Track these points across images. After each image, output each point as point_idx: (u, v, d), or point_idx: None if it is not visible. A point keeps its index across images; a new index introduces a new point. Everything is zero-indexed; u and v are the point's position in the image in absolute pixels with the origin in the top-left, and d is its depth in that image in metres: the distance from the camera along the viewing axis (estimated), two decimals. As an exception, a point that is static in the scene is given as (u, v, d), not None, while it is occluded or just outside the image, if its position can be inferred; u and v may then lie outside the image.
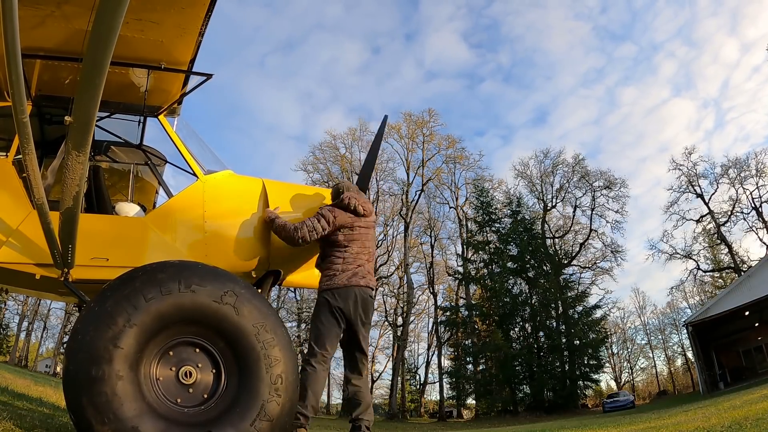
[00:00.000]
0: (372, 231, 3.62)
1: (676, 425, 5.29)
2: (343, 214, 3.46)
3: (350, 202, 3.50)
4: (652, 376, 51.64)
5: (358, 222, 3.49)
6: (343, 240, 3.44)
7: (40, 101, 3.50)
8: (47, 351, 46.40)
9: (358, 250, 3.45)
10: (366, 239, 3.52)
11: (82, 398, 2.21)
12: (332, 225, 3.41)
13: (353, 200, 3.51)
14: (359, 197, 3.57)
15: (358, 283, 3.35)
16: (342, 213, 3.46)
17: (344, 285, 3.32)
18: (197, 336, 2.56)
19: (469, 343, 37.77)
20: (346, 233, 3.44)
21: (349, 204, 3.50)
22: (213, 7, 2.86)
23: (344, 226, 3.44)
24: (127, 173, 4.53)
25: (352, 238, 3.45)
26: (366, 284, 3.40)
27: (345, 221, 3.45)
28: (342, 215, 3.45)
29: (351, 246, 3.44)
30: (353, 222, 3.47)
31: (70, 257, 2.75)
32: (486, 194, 40.34)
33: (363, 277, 3.40)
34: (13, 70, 1.66)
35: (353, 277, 3.36)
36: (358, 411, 3.29)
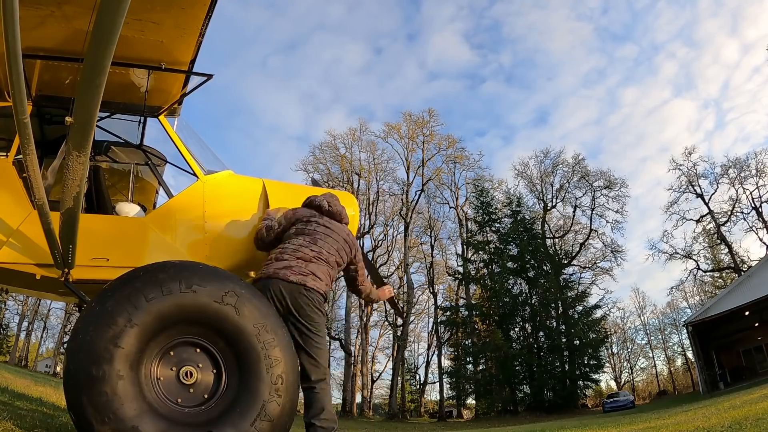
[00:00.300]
0: (336, 235, 3.21)
1: (676, 425, 5.30)
2: (303, 210, 3.28)
3: (316, 200, 3.31)
4: (652, 376, 51.67)
5: (317, 218, 3.22)
6: (293, 232, 3.15)
7: (41, 101, 3.50)
8: (47, 351, 46.43)
9: (303, 242, 3.08)
10: (322, 239, 3.13)
11: (83, 398, 2.21)
12: (288, 220, 3.21)
13: (322, 199, 3.31)
14: (332, 200, 3.36)
15: (287, 277, 2.90)
16: (303, 209, 3.29)
17: (268, 276, 2.93)
18: (198, 336, 2.56)
19: (469, 343, 37.77)
20: (299, 226, 3.17)
21: (313, 200, 3.32)
22: (213, 8, 2.86)
23: (300, 220, 3.20)
24: (127, 173, 4.53)
25: (303, 231, 3.14)
26: (299, 281, 2.92)
27: (303, 215, 3.22)
28: (302, 211, 3.27)
29: (297, 238, 3.11)
30: (310, 216, 3.22)
31: (70, 257, 2.75)
32: (486, 194, 40.35)
33: (301, 274, 2.94)
34: (14, 70, 1.66)
35: (284, 270, 2.93)
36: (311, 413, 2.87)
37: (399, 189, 41.47)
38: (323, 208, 3.28)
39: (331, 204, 3.32)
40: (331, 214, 3.30)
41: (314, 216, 3.24)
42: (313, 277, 2.99)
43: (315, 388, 2.90)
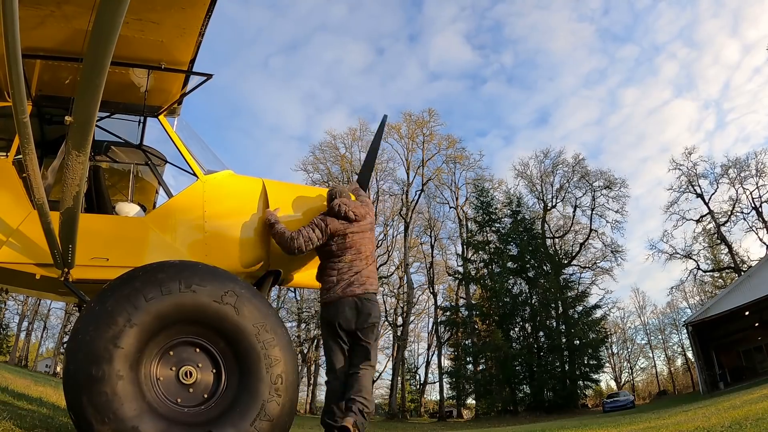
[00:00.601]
0: (369, 234, 3.57)
1: (676, 425, 5.30)
2: (335, 222, 3.44)
3: (341, 209, 3.47)
4: (652, 376, 51.66)
5: (351, 228, 3.46)
6: (336, 250, 3.43)
7: (41, 101, 3.50)
8: (47, 351, 46.43)
9: (352, 257, 3.43)
10: (361, 244, 3.49)
11: (83, 398, 2.21)
12: (325, 234, 3.41)
13: (343, 206, 3.48)
14: (350, 203, 3.55)
15: (353, 293, 3.32)
16: (334, 221, 3.45)
17: (338, 298, 3.31)
18: (197, 336, 2.56)
19: (469, 343, 37.77)
20: (339, 242, 3.43)
21: (340, 210, 3.47)
22: (213, 7, 2.86)
23: (336, 235, 3.43)
24: (127, 173, 4.53)
25: (345, 246, 3.43)
26: (364, 291, 3.36)
27: (337, 229, 3.43)
28: (334, 223, 3.44)
29: (345, 254, 3.42)
30: (345, 229, 3.44)
31: (70, 257, 2.75)
32: (486, 194, 40.34)
33: (361, 284, 3.37)
34: (14, 70, 1.66)
35: (348, 288, 3.33)
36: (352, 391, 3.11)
37: (399, 189, 41.52)
38: (350, 218, 3.48)
39: (356, 212, 3.51)
40: (357, 219, 3.51)
41: (348, 228, 3.46)
42: (371, 282, 3.42)
43: (359, 371, 3.19)
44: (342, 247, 3.43)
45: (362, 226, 3.52)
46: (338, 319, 3.28)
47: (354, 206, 3.53)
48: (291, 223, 3.53)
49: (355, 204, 3.57)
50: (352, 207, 3.51)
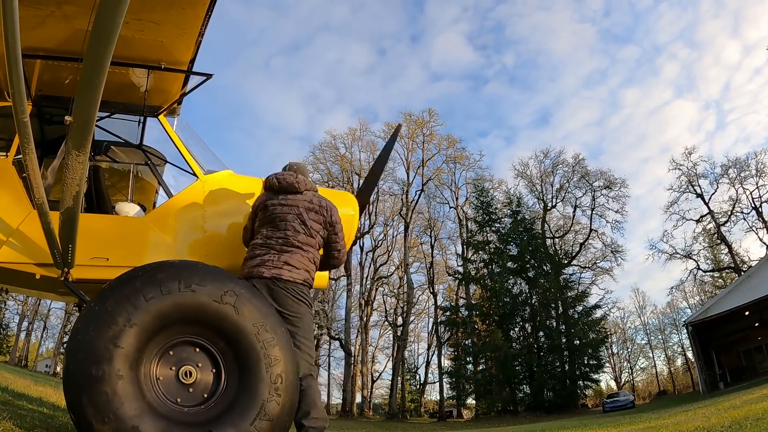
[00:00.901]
0: (295, 209, 3.04)
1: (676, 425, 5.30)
2: (260, 196, 3.15)
3: (266, 180, 3.14)
4: (652, 376, 51.66)
5: (272, 200, 3.04)
6: (258, 225, 3.05)
7: (40, 101, 3.50)
8: (47, 351, 46.43)
9: (268, 233, 2.98)
10: (281, 219, 2.99)
11: (83, 398, 2.21)
12: (254, 212, 3.11)
13: (272, 176, 3.13)
14: (281, 173, 3.15)
15: (261, 274, 2.88)
16: (261, 196, 3.16)
17: (245, 276, 2.91)
18: (197, 335, 2.56)
19: (469, 343, 37.77)
20: (260, 216, 3.06)
21: (266, 182, 3.14)
22: (213, 7, 2.86)
23: (258, 208, 3.09)
24: (127, 173, 4.53)
25: (264, 220, 3.02)
26: (274, 275, 2.87)
27: (259, 203, 3.09)
28: (259, 198, 3.14)
29: (262, 229, 3.02)
30: (266, 200, 3.06)
31: (70, 257, 2.75)
32: (486, 194, 40.35)
33: (274, 267, 2.89)
34: (14, 70, 1.66)
35: (256, 267, 2.91)
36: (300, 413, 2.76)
37: (399, 189, 41.51)
38: (274, 186, 3.09)
39: (280, 179, 3.09)
40: (283, 189, 3.08)
41: (270, 198, 3.06)
42: (288, 268, 2.92)
43: (301, 385, 2.73)
44: (263, 222, 3.03)
45: (289, 199, 3.07)
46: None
47: (286, 176, 3.12)
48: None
49: (286, 174, 3.15)
50: (282, 176, 3.12)
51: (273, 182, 3.11)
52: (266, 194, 3.13)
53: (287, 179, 3.11)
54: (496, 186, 42.46)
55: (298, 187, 3.11)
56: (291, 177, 3.13)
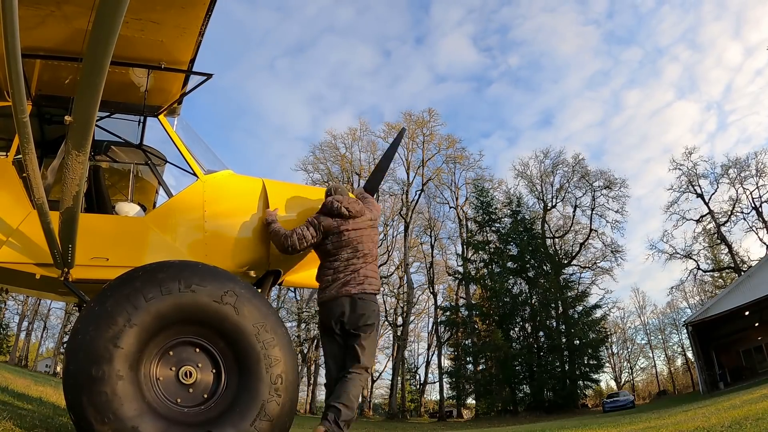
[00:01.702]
0: (368, 231, 3.45)
1: (676, 425, 5.29)
2: (328, 220, 3.37)
3: (333, 205, 3.39)
4: (652, 376, 51.66)
5: (346, 225, 3.36)
6: (332, 248, 3.34)
7: (40, 101, 3.50)
8: (47, 351, 46.43)
9: (348, 256, 3.32)
10: (359, 242, 3.36)
11: (83, 398, 2.21)
12: (319, 232, 3.33)
13: (336, 203, 3.40)
14: (344, 199, 3.45)
15: (349, 292, 3.21)
16: (327, 218, 3.38)
17: (334, 297, 3.22)
18: (197, 336, 2.56)
19: (469, 343, 37.77)
20: (334, 240, 3.33)
21: (333, 207, 3.38)
22: (213, 7, 2.86)
23: (330, 232, 3.34)
24: (127, 173, 4.53)
25: (341, 244, 3.33)
26: (360, 291, 3.24)
27: (330, 226, 3.34)
28: (327, 220, 3.36)
29: (341, 253, 3.32)
30: (339, 226, 3.35)
31: (70, 257, 2.75)
32: (486, 194, 40.34)
33: (358, 284, 3.25)
34: (13, 69, 1.66)
35: (344, 287, 3.23)
36: (333, 396, 3.01)
37: (399, 189, 41.51)
38: (344, 214, 3.38)
39: (350, 208, 3.41)
40: (353, 215, 3.41)
41: (343, 225, 3.36)
42: (369, 281, 3.30)
43: (346, 376, 3.07)
44: (338, 246, 3.33)
45: (359, 222, 3.41)
46: (332, 319, 3.20)
47: (348, 202, 3.43)
48: (290, 222, 3.52)
49: (350, 200, 3.47)
50: (345, 203, 3.41)
51: (343, 212, 3.38)
52: (335, 220, 3.37)
53: (355, 207, 3.43)
54: (496, 186, 42.51)
55: (363, 213, 3.48)
56: (357, 205, 3.46)
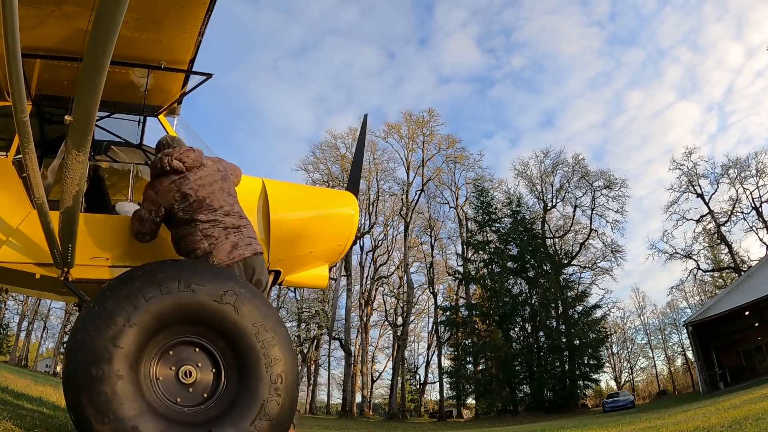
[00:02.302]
0: (219, 183, 2.91)
1: (676, 425, 5.29)
2: (164, 184, 2.83)
3: (164, 162, 2.85)
4: (652, 376, 51.64)
5: (187, 184, 2.83)
6: (185, 215, 2.82)
7: (40, 101, 3.50)
8: (47, 351, 46.42)
9: (213, 217, 2.82)
10: (213, 198, 2.84)
11: (82, 398, 2.21)
12: (159, 205, 2.84)
13: (166, 158, 2.86)
14: (176, 151, 2.89)
15: (243, 255, 2.83)
16: (163, 183, 2.84)
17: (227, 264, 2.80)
18: (197, 335, 2.56)
19: (469, 343, 37.77)
20: (182, 205, 2.81)
21: (164, 165, 2.85)
22: (213, 7, 2.86)
23: (174, 198, 2.82)
24: (127, 173, 4.53)
25: (193, 207, 2.81)
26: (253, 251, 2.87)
27: (169, 190, 2.82)
28: (164, 186, 2.83)
29: (200, 215, 2.82)
30: (181, 186, 2.82)
31: (70, 257, 2.75)
32: (486, 194, 40.34)
33: (248, 244, 2.86)
34: (13, 69, 1.66)
35: (234, 250, 2.82)
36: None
37: (399, 189, 41.51)
38: (178, 168, 2.85)
39: (182, 159, 2.86)
40: (189, 168, 2.89)
41: (183, 185, 2.82)
42: (255, 240, 2.95)
43: None
44: (192, 210, 2.81)
45: (204, 175, 2.91)
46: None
47: (180, 152, 2.89)
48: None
49: (182, 150, 2.92)
50: (176, 155, 2.86)
51: (175, 164, 2.83)
52: (169, 180, 2.82)
53: (190, 156, 2.89)
54: (496, 186, 42.52)
55: (202, 162, 2.96)
56: (191, 153, 2.92)
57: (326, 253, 3.99)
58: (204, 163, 2.96)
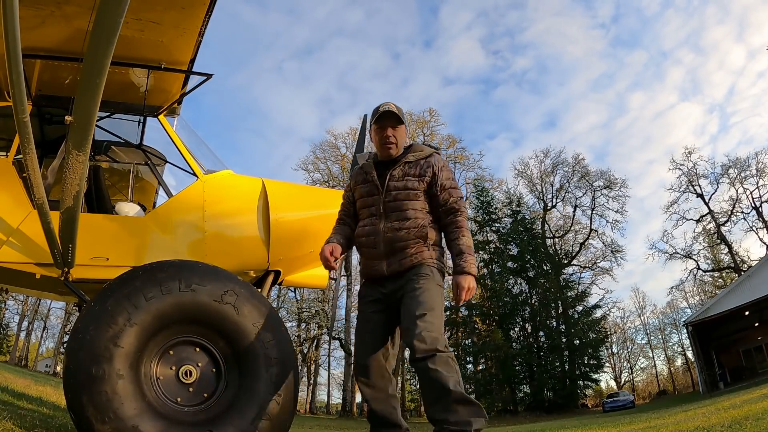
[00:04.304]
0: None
1: (676, 425, 5.29)
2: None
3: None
4: (652, 376, 51.64)
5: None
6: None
7: (41, 101, 3.50)
8: (47, 351, 46.40)
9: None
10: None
11: (83, 397, 2.22)
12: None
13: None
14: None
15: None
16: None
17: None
18: (197, 335, 2.57)
19: (469, 342, 37.77)
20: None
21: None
22: (213, 7, 2.86)
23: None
24: (127, 173, 4.53)
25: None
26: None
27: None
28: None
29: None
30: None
31: (70, 257, 2.75)
32: (486, 194, 40.33)
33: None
34: (14, 69, 1.67)
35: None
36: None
37: (399, 189, 41.39)
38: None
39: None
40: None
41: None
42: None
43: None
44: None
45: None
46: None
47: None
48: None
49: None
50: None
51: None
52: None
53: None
54: (496, 186, 42.47)
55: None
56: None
57: (326, 253, 3.98)
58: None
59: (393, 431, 2.44)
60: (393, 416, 2.45)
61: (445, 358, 2.23)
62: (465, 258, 2.41)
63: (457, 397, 2.17)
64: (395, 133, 2.59)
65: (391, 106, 2.59)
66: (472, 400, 2.21)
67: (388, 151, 2.58)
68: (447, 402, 2.17)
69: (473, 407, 2.19)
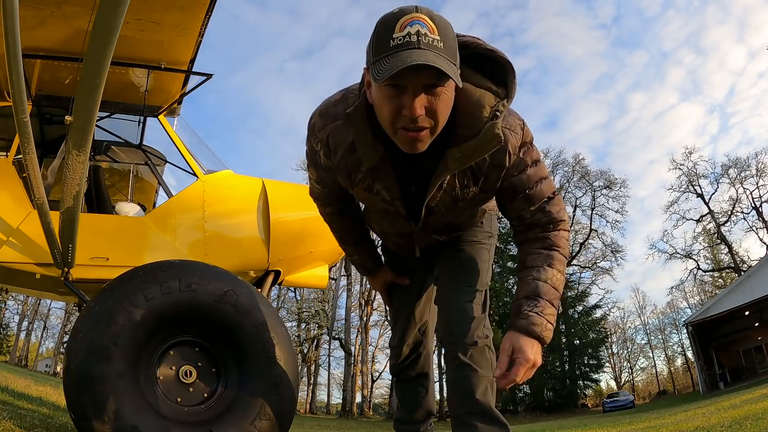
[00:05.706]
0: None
1: (676, 425, 5.29)
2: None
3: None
4: (652, 376, 51.65)
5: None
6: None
7: (41, 101, 3.51)
8: (47, 351, 46.42)
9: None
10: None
11: (83, 397, 2.22)
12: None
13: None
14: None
15: None
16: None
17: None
18: (197, 335, 2.56)
19: (469, 342, 37.79)
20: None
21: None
22: (213, 7, 2.86)
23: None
24: (127, 173, 4.54)
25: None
26: None
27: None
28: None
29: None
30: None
31: (70, 257, 2.75)
32: (486, 194, 40.37)
33: None
34: (14, 69, 1.66)
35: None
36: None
37: (399, 189, 41.44)
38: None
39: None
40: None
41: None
42: None
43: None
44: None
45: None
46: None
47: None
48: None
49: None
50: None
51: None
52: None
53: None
54: (496, 186, 42.49)
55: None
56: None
57: (326, 253, 3.99)
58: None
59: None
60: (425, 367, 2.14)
61: (481, 348, 1.79)
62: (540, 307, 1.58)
63: (483, 410, 1.72)
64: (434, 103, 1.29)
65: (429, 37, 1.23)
66: (498, 417, 1.74)
67: (415, 145, 1.37)
68: (468, 413, 1.73)
69: (497, 428, 1.72)
